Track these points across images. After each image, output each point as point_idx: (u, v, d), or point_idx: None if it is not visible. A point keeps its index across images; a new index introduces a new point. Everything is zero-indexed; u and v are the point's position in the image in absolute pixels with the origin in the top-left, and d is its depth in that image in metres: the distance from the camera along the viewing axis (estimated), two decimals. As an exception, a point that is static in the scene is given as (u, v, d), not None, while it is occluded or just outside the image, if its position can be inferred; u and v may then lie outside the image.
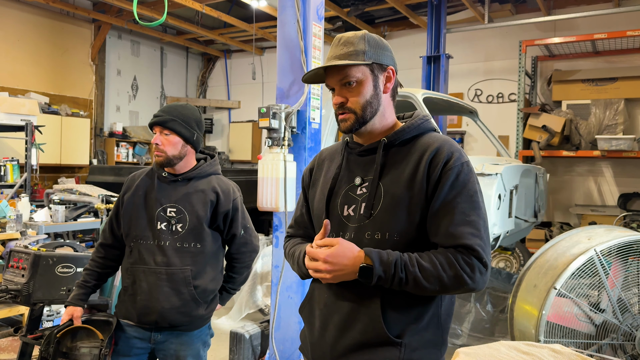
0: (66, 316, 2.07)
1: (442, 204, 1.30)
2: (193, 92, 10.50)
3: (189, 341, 2.09)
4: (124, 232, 2.11)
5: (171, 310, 2.01)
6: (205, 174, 2.14)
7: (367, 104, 1.39)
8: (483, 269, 1.27)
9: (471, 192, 1.31)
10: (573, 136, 6.32)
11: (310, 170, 1.63)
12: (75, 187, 5.16)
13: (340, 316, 1.38)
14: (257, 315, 4.45)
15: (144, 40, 9.40)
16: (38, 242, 4.03)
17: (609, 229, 3.19)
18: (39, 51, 7.74)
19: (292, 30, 2.98)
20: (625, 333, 2.73)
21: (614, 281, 2.76)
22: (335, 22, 8.20)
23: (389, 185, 1.36)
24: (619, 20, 6.44)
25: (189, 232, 2.04)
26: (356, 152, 1.47)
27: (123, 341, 2.07)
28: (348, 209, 1.42)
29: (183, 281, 2.02)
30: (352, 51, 1.38)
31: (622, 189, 6.62)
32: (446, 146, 1.35)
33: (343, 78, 1.39)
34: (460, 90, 7.72)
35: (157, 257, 2.02)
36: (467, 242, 1.26)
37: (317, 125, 3.10)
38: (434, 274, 1.25)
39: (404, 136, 1.41)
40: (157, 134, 2.05)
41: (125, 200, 2.12)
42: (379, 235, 1.34)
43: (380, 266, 1.26)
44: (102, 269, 2.17)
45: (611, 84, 6.26)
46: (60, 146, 7.57)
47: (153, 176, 2.13)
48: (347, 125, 1.41)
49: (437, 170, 1.32)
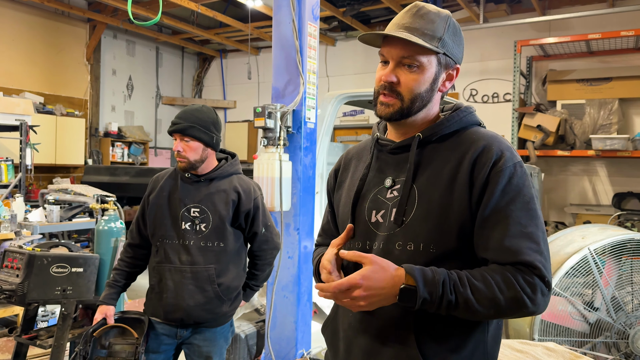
0: (99, 315, 2.12)
1: (492, 212, 1.10)
2: (189, 92, 10.48)
3: (212, 337, 2.15)
4: (149, 232, 2.17)
5: (196, 307, 2.07)
6: (227, 174, 2.20)
7: (418, 96, 1.18)
8: (545, 289, 1.07)
9: (527, 198, 1.11)
10: (568, 136, 6.34)
11: (336, 171, 1.43)
12: (70, 187, 5.14)
13: (366, 339, 1.20)
14: (253, 315, 4.44)
15: (140, 40, 9.38)
16: (33, 242, 4.01)
17: (602, 228, 3.21)
18: (33, 51, 7.71)
19: (288, 30, 2.98)
20: (619, 331, 2.75)
21: (607, 280, 2.78)
22: (330, 21, 8.20)
23: (424, 187, 1.17)
24: (613, 20, 6.47)
25: (212, 232, 2.10)
26: (387, 150, 1.26)
27: (152, 338, 2.13)
28: (377, 214, 1.22)
29: (207, 279, 2.09)
30: (430, 30, 1.16)
31: (616, 188, 6.65)
32: (495, 144, 1.15)
33: (406, 56, 1.16)
34: (455, 90, 7.75)
35: (182, 256, 2.09)
36: (527, 258, 1.06)
37: (312, 124, 3.10)
38: (488, 295, 1.05)
39: (443, 130, 1.21)
40: (178, 141, 2.10)
41: (150, 201, 2.18)
42: (411, 246, 1.15)
43: (426, 287, 1.05)
44: (131, 268, 2.24)
45: (605, 84, 6.29)
46: (55, 146, 7.54)
47: (176, 177, 2.19)
48: (389, 112, 1.19)
49: (485, 172, 1.12)
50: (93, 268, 2.77)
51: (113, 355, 2.08)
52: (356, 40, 8.66)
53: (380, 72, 1.21)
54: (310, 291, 3.14)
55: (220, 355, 2.19)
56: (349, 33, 8.63)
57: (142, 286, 2.51)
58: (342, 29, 8.58)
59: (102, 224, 3.37)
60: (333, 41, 8.84)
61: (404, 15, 1.20)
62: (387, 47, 1.19)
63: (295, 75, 2.98)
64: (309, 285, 3.12)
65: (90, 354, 2.04)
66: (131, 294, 4.86)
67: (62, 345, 2.57)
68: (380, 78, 1.20)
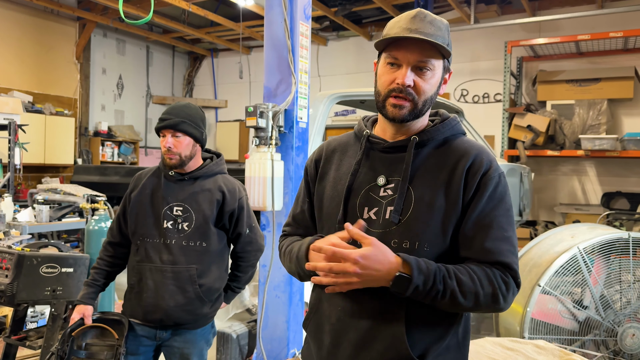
0: (77, 315, 2.06)
1: (479, 217, 1.19)
2: (179, 91, 10.43)
3: (192, 339, 2.11)
4: (130, 231, 2.13)
5: (176, 308, 2.03)
6: (212, 173, 2.16)
7: (429, 99, 1.24)
8: (516, 289, 1.18)
9: (508, 205, 1.22)
10: (557, 136, 6.40)
11: (316, 161, 1.42)
12: (60, 186, 5.10)
13: (357, 333, 1.23)
14: (245, 315, 4.43)
15: (130, 38, 9.32)
16: (22, 242, 3.97)
17: (592, 227, 3.25)
18: (22, 49, 7.63)
19: (280, 29, 2.98)
20: (608, 329, 2.78)
21: (597, 278, 2.80)
22: (322, 21, 8.21)
23: (420, 189, 1.22)
24: (602, 21, 6.54)
25: (194, 231, 2.06)
26: (380, 148, 1.30)
27: (131, 340, 2.08)
28: (369, 211, 1.26)
29: (188, 279, 2.04)
30: (440, 36, 1.21)
31: (605, 188, 6.72)
32: (484, 155, 1.25)
33: (423, 60, 1.20)
34: (446, 90, 7.78)
35: (163, 255, 2.04)
36: (505, 259, 1.17)
37: (304, 124, 3.10)
38: (472, 289, 1.13)
39: (437, 136, 1.27)
40: (168, 137, 2.06)
41: (132, 199, 2.14)
42: (407, 244, 1.20)
43: (420, 275, 1.11)
44: (111, 267, 2.18)
45: (594, 85, 6.35)
46: (44, 145, 7.47)
47: (160, 175, 2.15)
48: (403, 113, 1.22)
49: (476, 180, 1.21)
50: (83, 268, 2.75)
51: (92, 356, 2.03)
52: (348, 40, 8.69)
53: (390, 75, 1.23)
54: (302, 291, 3.14)
55: (200, 357, 2.14)
56: (340, 33, 8.64)
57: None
58: (333, 29, 8.59)
59: (92, 223, 3.35)
60: (325, 41, 8.84)
61: (412, 20, 1.21)
62: (402, 51, 1.21)
63: (287, 74, 2.98)
64: (300, 285, 3.11)
65: (68, 355, 1.99)
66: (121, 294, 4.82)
67: (52, 346, 2.55)
68: (391, 81, 1.22)
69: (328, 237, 1.21)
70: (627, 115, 6.58)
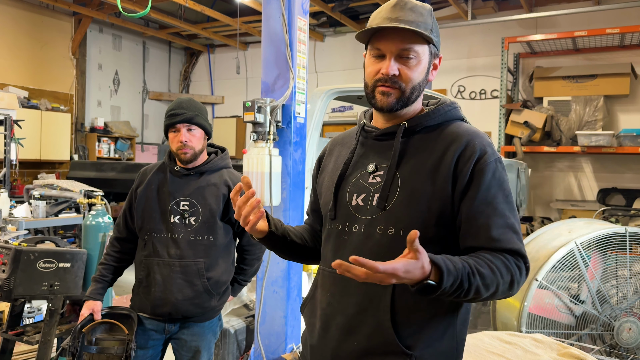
0: (86, 310, 2.08)
1: (479, 205, 1.16)
2: (176, 87, 10.39)
3: (200, 332, 2.13)
4: (137, 226, 2.14)
5: (184, 301, 2.05)
6: (217, 168, 2.18)
7: (417, 86, 1.22)
8: (526, 274, 1.17)
9: (507, 191, 1.19)
10: (554, 132, 6.42)
11: (320, 158, 1.47)
12: (56, 182, 5.08)
13: (344, 317, 1.24)
14: (242, 310, 4.43)
15: (126, 34, 9.27)
16: (18, 237, 3.95)
17: (588, 222, 3.26)
18: (17, 44, 7.58)
19: (277, 24, 2.97)
20: (604, 323, 2.79)
21: (593, 273, 2.82)
22: (319, 17, 8.19)
23: (407, 175, 1.21)
24: (599, 18, 6.55)
25: (201, 225, 2.08)
26: (372, 136, 1.31)
27: (140, 334, 2.10)
28: (357, 198, 1.26)
29: (196, 273, 2.06)
30: (422, 22, 1.20)
31: (601, 184, 6.75)
32: (477, 140, 1.21)
33: (405, 48, 1.19)
34: (443, 86, 7.78)
35: (171, 250, 2.06)
36: (515, 246, 1.15)
37: (302, 119, 3.09)
38: (494, 281, 1.10)
39: (427, 122, 1.25)
40: (183, 131, 2.06)
41: (138, 194, 2.15)
42: (392, 230, 1.18)
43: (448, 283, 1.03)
44: (118, 263, 2.20)
45: (591, 81, 6.36)
46: (40, 141, 7.43)
47: (165, 170, 2.16)
48: (390, 101, 1.21)
49: (469, 167, 1.17)
50: (80, 263, 2.74)
51: (103, 351, 2.05)
52: (345, 36, 8.68)
53: (375, 65, 1.22)
54: (299, 286, 3.14)
55: (208, 350, 2.17)
56: (337, 29, 8.62)
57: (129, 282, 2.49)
58: (330, 25, 8.57)
59: (89, 218, 3.33)
60: (322, 37, 8.82)
61: (392, 9, 1.21)
62: (383, 41, 1.20)
63: (285, 69, 2.97)
64: (298, 280, 3.12)
65: (79, 350, 2.01)
66: (118, 289, 4.82)
67: (50, 341, 2.54)
68: (376, 71, 1.22)
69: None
70: (623, 111, 6.60)
